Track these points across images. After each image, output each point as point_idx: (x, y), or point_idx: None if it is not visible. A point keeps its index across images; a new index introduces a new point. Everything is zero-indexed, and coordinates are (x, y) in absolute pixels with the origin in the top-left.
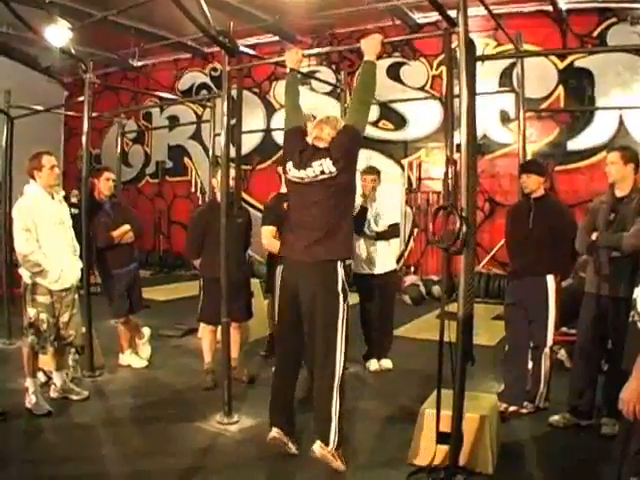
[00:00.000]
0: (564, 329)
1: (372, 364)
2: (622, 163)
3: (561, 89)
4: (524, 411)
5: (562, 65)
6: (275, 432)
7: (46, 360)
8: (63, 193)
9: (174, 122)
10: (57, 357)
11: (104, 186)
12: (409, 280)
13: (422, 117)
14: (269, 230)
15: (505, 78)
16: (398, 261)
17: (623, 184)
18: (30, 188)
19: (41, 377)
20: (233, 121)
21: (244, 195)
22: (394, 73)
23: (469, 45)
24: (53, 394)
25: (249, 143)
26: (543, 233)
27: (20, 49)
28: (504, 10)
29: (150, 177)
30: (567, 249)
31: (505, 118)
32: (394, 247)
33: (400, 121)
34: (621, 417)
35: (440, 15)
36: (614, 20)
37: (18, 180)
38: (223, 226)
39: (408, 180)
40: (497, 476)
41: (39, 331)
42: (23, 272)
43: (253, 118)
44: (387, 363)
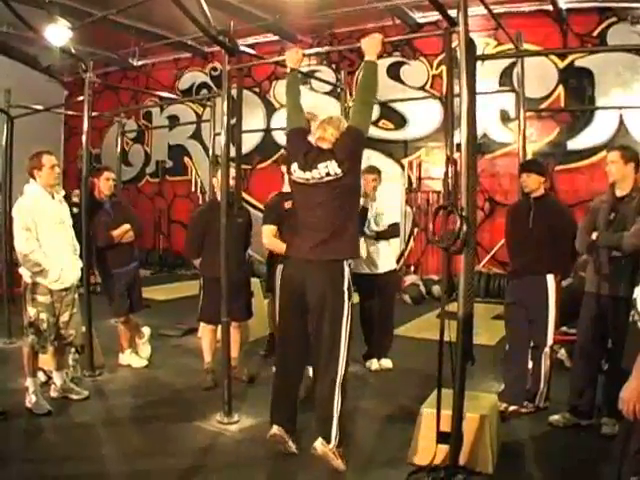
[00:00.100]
0: (564, 328)
1: (372, 363)
2: (622, 162)
3: (561, 89)
4: (524, 411)
5: (562, 65)
6: (276, 429)
7: (46, 360)
8: (63, 192)
9: (174, 121)
10: (57, 357)
11: (104, 185)
12: (409, 280)
13: (422, 117)
14: (270, 229)
15: (505, 78)
16: (398, 261)
17: (623, 183)
18: (30, 187)
19: (41, 377)
20: (233, 120)
21: (244, 195)
22: (394, 73)
23: (469, 45)
24: (53, 393)
25: (249, 142)
26: (543, 232)
27: (20, 48)
28: (504, 9)
29: (150, 176)
30: (567, 248)
31: (505, 118)
32: (394, 247)
33: (400, 121)
34: (621, 417)
35: (440, 14)
36: (614, 20)
37: (18, 179)
38: (223, 226)
39: (408, 180)
40: (497, 476)
41: (39, 330)
42: (23, 271)
43: (253, 118)
44: (387, 362)
